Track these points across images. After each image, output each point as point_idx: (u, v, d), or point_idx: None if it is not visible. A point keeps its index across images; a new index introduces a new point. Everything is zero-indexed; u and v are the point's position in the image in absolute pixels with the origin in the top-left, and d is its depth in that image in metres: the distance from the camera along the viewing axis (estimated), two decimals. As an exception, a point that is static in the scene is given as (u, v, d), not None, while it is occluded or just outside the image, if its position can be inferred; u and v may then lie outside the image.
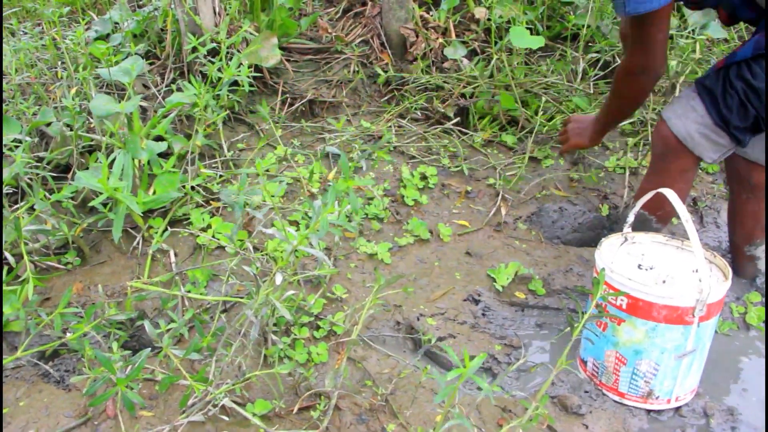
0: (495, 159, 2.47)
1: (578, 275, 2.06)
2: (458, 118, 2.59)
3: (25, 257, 1.67)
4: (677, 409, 1.68)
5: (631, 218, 1.82)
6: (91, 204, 1.83)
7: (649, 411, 1.67)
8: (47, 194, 1.93)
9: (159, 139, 2.15)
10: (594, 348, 1.71)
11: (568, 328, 1.86)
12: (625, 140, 2.61)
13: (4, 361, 1.59)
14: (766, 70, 1.75)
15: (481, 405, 1.63)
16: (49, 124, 2.12)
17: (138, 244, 1.97)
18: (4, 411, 1.53)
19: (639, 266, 1.84)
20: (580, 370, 1.78)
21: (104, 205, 1.94)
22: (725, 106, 1.82)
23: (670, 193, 1.62)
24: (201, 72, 2.47)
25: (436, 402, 1.16)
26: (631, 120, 2.66)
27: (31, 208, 1.83)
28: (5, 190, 1.75)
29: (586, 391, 1.71)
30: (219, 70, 2.26)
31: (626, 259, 1.84)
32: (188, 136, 2.33)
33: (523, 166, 2.41)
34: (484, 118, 2.60)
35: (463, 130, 2.57)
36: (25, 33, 2.50)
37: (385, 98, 2.65)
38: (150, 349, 1.58)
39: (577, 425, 1.61)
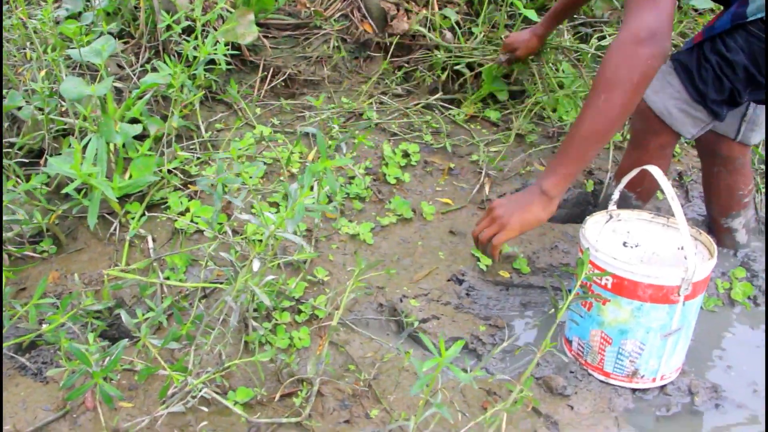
0: (479, 135, 2.43)
1: (564, 252, 2.04)
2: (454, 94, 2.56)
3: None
4: (662, 387, 1.67)
5: (616, 195, 1.79)
6: (65, 191, 1.79)
7: (634, 390, 1.66)
8: (18, 181, 1.88)
9: (134, 121, 2.10)
10: (579, 328, 1.70)
11: (553, 310, 1.85)
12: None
13: (-23, 355, 1.56)
14: (766, 32, 1.67)
15: (465, 388, 1.61)
16: (19, 108, 2.06)
17: (115, 230, 1.93)
18: (-21, 405, 1.51)
19: (624, 244, 1.83)
20: (566, 350, 1.77)
21: (78, 191, 1.89)
22: (701, 80, 1.80)
23: (655, 170, 1.60)
24: (176, 51, 2.41)
25: (413, 393, 1.13)
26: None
27: None
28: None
29: (572, 372, 1.69)
30: (195, 48, 2.20)
31: (611, 237, 1.82)
32: (164, 118, 2.27)
33: (508, 142, 2.38)
34: (475, 93, 2.55)
35: (446, 105, 2.53)
36: (-8, 13, 2.41)
37: (368, 72, 2.59)
38: (128, 339, 1.55)
39: (562, 406, 1.60)
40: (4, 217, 1.72)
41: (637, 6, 1.50)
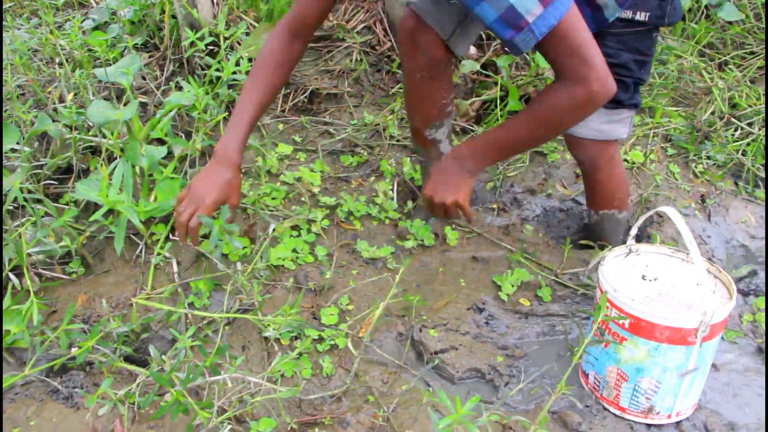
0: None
1: (585, 278, 2.05)
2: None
3: (28, 281, 1.67)
4: (678, 423, 1.69)
5: (634, 231, 1.80)
6: (92, 218, 1.83)
7: (649, 426, 1.68)
8: (49, 202, 1.91)
9: (159, 140, 2.13)
10: (596, 363, 1.72)
11: (570, 343, 1.87)
12: (633, 131, 2.56)
13: (12, 379, 1.62)
14: None
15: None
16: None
17: (141, 252, 1.97)
18: (15, 431, 1.56)
19: (643, 277, 1.83)
20: (582, 382, 1.79)
21: (106, 214, 1.93)
22: None
23: (672, 212, 1.61)
24: (200, 65, 2.43)
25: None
26: (641, 109, 2.61)
27: (34, 223, 1.82)
28: (6, 206, 1.74)
29: (587, 406, 1.72)
30: (218, 69, 2.22)
31: (630, 271, 1.83)
32: (188, 134, 2.30)
33: (525, 162, 2.39)
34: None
35: (469, 126, 2.53)
36: (20, 29, 2.45)
37: (393, 89, 2.60)
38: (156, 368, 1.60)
39: (577, 443, 1.63)
40: (36, 249, 1.76)
41: (569, 73, 1.61)
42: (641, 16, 1.83)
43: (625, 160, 2.46)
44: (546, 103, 1.68)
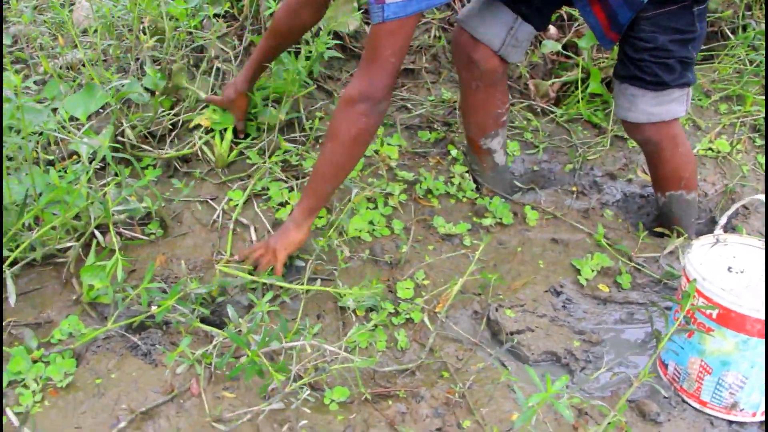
0: (579, 137, 2.39)
1: (666, 266, 2.00)
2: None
3: (113, 238, 1.70)
4: (762, 423, 1.64)
5: (723, 220, 1.75)
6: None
7: (731, 422, 1.63)
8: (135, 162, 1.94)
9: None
10: (677, 353, 1.67)
11: (651, 330, 1.82)
12: (719, 119, 2.48)
13: (95, 333, 1.65)
14: None
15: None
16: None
17: (218, 216, 1.99)
18: (97, 381, 1.60)
19: (729, 269, 1.77)
20: (660, 372, 1.75)
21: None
22: (653, 75, 1.85)
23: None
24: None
25: (516, 426, 1.15)
26: (729, 96, 2.52)
27: (117, 184, 1.86)
28: (94, 165, 1.77)
29: (665, 397, 1.68)
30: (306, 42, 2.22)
31: (716, 261, 1.77)
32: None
33: (606, 146, 2.33)
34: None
35: (548, 108, 2.49)
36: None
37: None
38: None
39: (654, 433, 1.59)
40: (120, 207, 1.79)
41: (359, 71, 1.71)
42: None
43: (710, 149, 2.39)
44: (331, 117, 1.77)
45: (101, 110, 2.14)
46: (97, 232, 1.80)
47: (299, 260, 1.85)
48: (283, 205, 2.02)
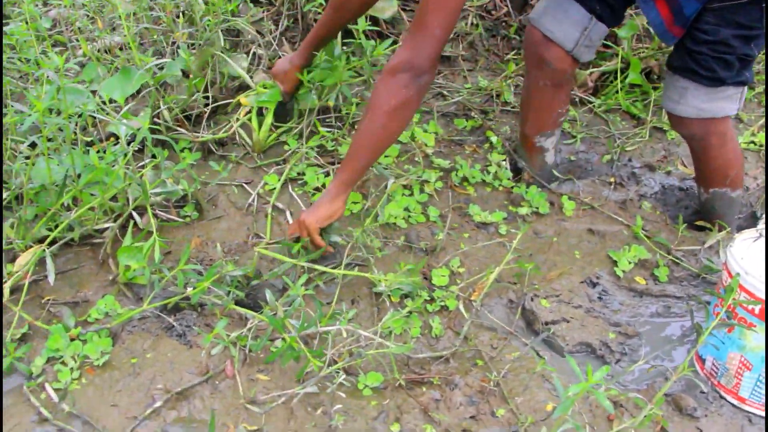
0: (617, 128, 2.36)
1: (705, 260, 1.97)
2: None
3: (151, 220, 1.71)
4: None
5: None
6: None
7: (771, 419, 1.61)
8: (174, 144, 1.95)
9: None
10: (720, 347, 1.64)
11: (688, 320, 1.80)
12: (762, 112, 2.43)
13: (131, 313, 1.67)
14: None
15: (593, 398, 1.60)
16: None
17: (253, 200, 2.00)
18: (133, 361, 1.61)
19: (772, 263, 1.74)
20: (697, 367, 1.72)
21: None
22: (708, 70, 1.79)
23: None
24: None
25: (555, 416, 1.14)
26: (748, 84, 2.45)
27: (155, 166, 1.87)
28: (133, 147, 1.79)
29: (702, 392, 1.65)
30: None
31: (759, 256, 1.73)
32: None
33: (645, 137, 2.30)
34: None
35: (587, 98, 2.45)
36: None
37: (507, 55, 2.54)
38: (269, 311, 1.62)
39: (690, 428, 1.57)
40: (158, 189, 1.80)
41: (404, 42, 1.67)
42: None
43: (752, 142, 2.34)
44: (372, 89, 1.72)
45: (137, 92, 2.15)
46: (134, 214, 1.82)
47: (336, 237, 1.84)
48: (318, 189, 2.02)
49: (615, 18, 1.93)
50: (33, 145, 1.80)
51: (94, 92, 1.99)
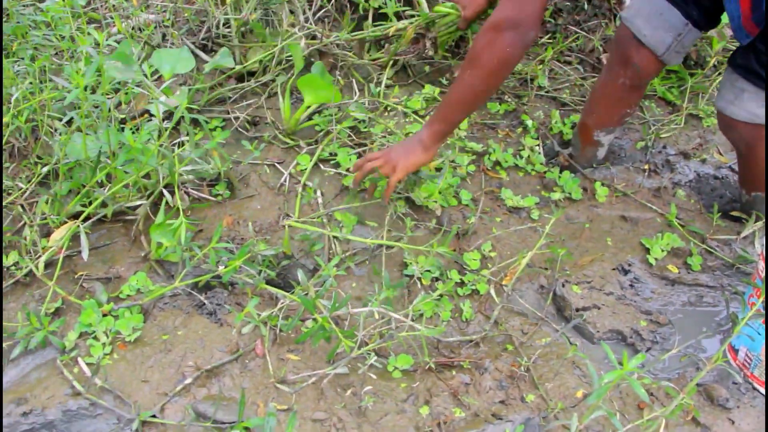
0: (652, 114, 2.33)
1: (740, 249, 1.94)
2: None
3: (178, 200, 1.71)
4: (838, 413, 1.58)
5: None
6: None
7: (805, 412, 1.59)
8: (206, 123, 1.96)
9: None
10: (755, 339, 1.62)
11: (721, 311, 1.78)
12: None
13: (162, 290, 1.68)
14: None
15: (624, 386, 1.59)
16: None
17: (285, 180, 2.00)
18: (164, 337, 1.63)
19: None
20: (730, 357, 1.70)
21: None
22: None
23: None
24: (350, 2, 2.41)
25: (590, 401, 1.13)
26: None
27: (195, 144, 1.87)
28: (171, 126, 1.79)
29: (735, 383, 1.63)
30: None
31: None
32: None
33: (680, 124, 2.26)
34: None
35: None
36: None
37: (541, 39, 2.51)
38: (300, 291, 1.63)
39: (722, 419, 1.55)
40: (189, 167, 1.80)
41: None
42: None
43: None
44: (472, 44, 1.69)
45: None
46: (165, 192, 1.82)
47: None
48: (350, 170, 2.02)
49: (710, 23, 1.87)
50: (69, 122, 1.81)
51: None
